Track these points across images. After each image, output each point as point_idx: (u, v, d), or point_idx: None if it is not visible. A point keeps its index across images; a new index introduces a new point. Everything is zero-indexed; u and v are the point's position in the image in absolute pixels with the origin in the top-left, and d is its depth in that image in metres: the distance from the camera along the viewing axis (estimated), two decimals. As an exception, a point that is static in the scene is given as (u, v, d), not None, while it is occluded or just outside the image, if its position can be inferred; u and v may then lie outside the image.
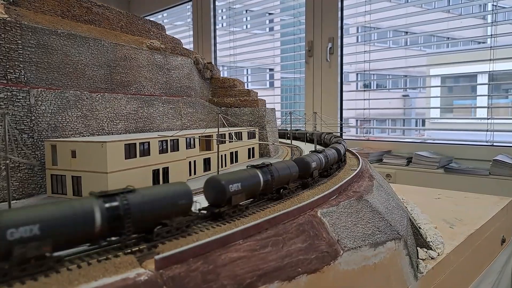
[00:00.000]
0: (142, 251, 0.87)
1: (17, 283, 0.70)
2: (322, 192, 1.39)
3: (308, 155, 1.64)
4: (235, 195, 1.13)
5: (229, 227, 1.06)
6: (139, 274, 0.76)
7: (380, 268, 1.29)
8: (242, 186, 1.15)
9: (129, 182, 1.55)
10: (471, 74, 5.10)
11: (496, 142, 3.91)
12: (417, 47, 5.44)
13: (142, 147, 1.65)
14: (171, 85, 2.57)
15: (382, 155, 4.44)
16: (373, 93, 5.02)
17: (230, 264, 0.88)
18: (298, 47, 5.42)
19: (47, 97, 1.73)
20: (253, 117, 2.86)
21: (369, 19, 4.71)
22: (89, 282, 0.72)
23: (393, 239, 1.38)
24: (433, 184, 3.64)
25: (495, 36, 3.81)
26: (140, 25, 2.60)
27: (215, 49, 6.65)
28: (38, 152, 1.67)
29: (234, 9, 6.35)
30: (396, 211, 1.60)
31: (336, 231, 1.21)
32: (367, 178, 1.78)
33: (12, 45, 1.66)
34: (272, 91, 6.24)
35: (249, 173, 1.22)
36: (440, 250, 1.69)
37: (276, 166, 1.36)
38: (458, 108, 5.54)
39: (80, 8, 2.20)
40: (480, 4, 4.51)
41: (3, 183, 1.50)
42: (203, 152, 2.13)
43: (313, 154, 1.68)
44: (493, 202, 2.57)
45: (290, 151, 2.79)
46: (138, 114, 2.20)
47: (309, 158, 1.59)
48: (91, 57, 2.03)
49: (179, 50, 2.73)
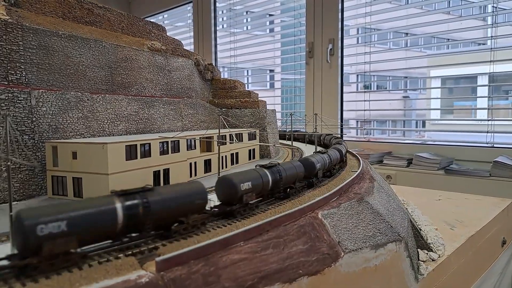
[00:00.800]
0: (144, 253, 0.87)
1: (18, 284, 0.70)
2: (323, 194, 1.39)
3: (313, 156, 1.66)
4: (246, 194, 1.16)
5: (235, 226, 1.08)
6: (140, 276, 0.76)
7: (381, 270, 1.29)
8: (252, 185, 1.19)
9: (130, 184, 1.55)
10: (472, 76, 5.10)
11: (496, 144, 3.91)
12: (417, 49, 5.45)
13: (143, 148, 1.65)
14: (172, 86, 2.57)
15: (382, 157, 4.44)
16: (374, 94, 5.02)
17: (231, 266, 0.88)
18: (298, 48, 5.43)
19: (48, 98, 1.73)
20: (254, 118, 2.86)
21: (369, 21, 4.71)
22: (90, 284, 0.72)
23: (394, 241, 1.37)
24: (433, 185, 3.64)
25: (495, 38, 3.82)
26: (141, 26, 2.61)
27: (216, 50, 6.66)
28: (39, 153, 1.67)
29: (234, 10, 6.35)
30: (397, 213, 1.60)
31: (337, 233, 1.21)
32: (368, 180, 1.78)
33: (13, 46, 1.66)
34: (272, 92, 6.24)
35: (258, 173, 1.26)
36: (441, 251, 1.68)
37: (284, 166, 1.39)
38: (459, 109, 5.54)
39: (81, 9, 2.21)
40: (480, 6, 4.52)
41: (4, 184, 1.50)
42: (203, 153, 2.13)
43: (317, 155, 1.71)
44: (493, 204, 2.56)
45: (290, 152, 2.79)
46: (139, 116, 2.20)
47: (313, 158, 1.62)
48: (92, 59, 2.03)
49: (180, 52, 2.74)
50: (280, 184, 1.34)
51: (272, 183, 1.30)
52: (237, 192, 1.14)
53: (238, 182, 1.14)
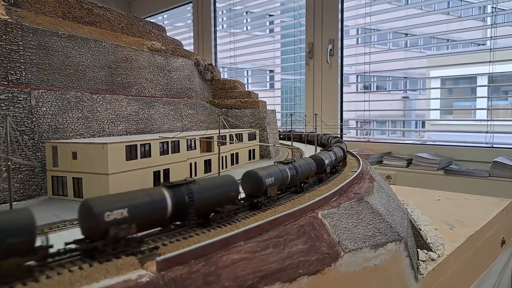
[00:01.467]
0: (144, 253, 0.88)
1: (18, 284, 0.70)
2: (323, 194, 1.40)
3: (321, 153, 1.77)
4: (270, 187, 1.28)
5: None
6: (141, 276, 0.76)
7: (380, 269, 1.29)
8: (275, 180, 1.31)
9: (130, 184, 1.55)
10: (471, 76, 5.11)
11: (496, 144, 3.92)
12: (417, 49, 5.45)
13: (143, 148, 1.66)
14: (172, 86, 2.57)
15: (382, 157, 4.44)
16: (373, 94, 5.02)
17: (231, 266, 0.89)
18: (298, 48, 5.43)
19: (48, 98, 1.73)
20: (254, 118, 2.87)
21: (369, 21, 4.71)
22: (91, 283, 0.72)
23: (394, 240, 1.38)
24: (433, 185, 3.64)
25: (495, 38, 3.82)
26: (141, 26, 2.61)
27: (216, 51, 6.66)
28: (39, 154, 1.67)
29: (234, 11, 6.36)
30: (397, 213, 1.60)
31: (337, 232, 1.21)
32: (368, 180, 1.78)
33: (13, 46, 1.66)
34: (272, 92, 6.24)
35: (279, 168, 1.37)
36: (441, 251, 1.69)
37: (299, 162, 1.51)
38: (458, 109, 5.54)
39: (81, 9, 2.21)
40: (480, 6, 4.53)
41: (4, 184, 1.50)
42: (203, 153, 2.13)
43: (325, 152, 1.82)
44: (493, 204, 2.57)
45: (290, 152, 2.80)
46: (139, 116, 2.20)
47: (323, 155, 1.73)
48: (92, 59, 2.03)
49: (179, 52, 2.74)
50: (296, 178, 1.45)
51: (290, 177, 1.41)
52: (263, 186, 1.25)
53: (264, 176, 1.26)
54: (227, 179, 1.16)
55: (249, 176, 1.27)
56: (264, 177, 1.26)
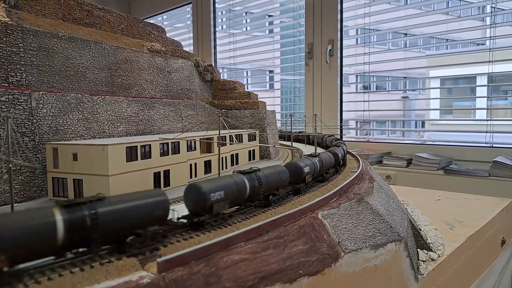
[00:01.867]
0: (144, 254, 0.88)
1: (19, 285, 0.71)
2: (323, 194, 1.40)
3: (301, 159, 1.57)
4: (217, 203, 1.08)
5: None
6: (142, 277, 0.77)
7: (381, 270, 1.29)
8: (225, 194, 1.11)
9: (130, 185, 1.56)
10: (470, 76, 5.11)
11: (495, 144, 3.92)
12: (416, 49, 5.45)
13: (143, 149, 1.66)
14: (172, 87, 2.57)
15: (382, 157, 4.45)
16: (373, 94, 5.03)
17: (232, 267, 0.89)
18: (298, 49, 5.43)
19: (49, 100, 1.73)
20: (254, 119, 2.87)
21: (368, 21, 4.72)
22: (92, 285, 0.73)
23: (394, 240, 1.38)
24: (433, 185, 3.64)
25: (494, 38, 3.83)
26: (141, 27, 2.61)
27: (215, 51, 6.66)
28: (39, 155, 1.67)
29: (234, 11, 6.36)
30: (397, 213, 1.60)
31: (337, 233, 1.22)
32: (368, 180, 1.79)
33: (13, 48, 1.67)
34: (272, 93, 6.25)
35: (234, 180, 1.17)
36: (441, 251, 1.69)
37: (265, 171, 1.31)
38: (458, 109, 5.55)
39: (81, 11, 2.21)
40: (479, 6, 4.53)
41: (5, 186, 1.50)
42: (204, 154, 2.13)
43: (306, 158, 1.61)
44: (493, 204, 2.57)
45: (290, 153, 2.80)
46: (139, 117, 2.20)
47: (301, 162, 1.52)
48: (92, 60, 2.03)
49: (179, 53, 2.74)
50: (259, 191, 1.25)
51: (250, 190, 1.22)
52: (206, 202, 1.05)
53: (208, 191, 1.06)
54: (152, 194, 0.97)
55: (191, 190, 1.07)
56: (209, 191, 1.06)
